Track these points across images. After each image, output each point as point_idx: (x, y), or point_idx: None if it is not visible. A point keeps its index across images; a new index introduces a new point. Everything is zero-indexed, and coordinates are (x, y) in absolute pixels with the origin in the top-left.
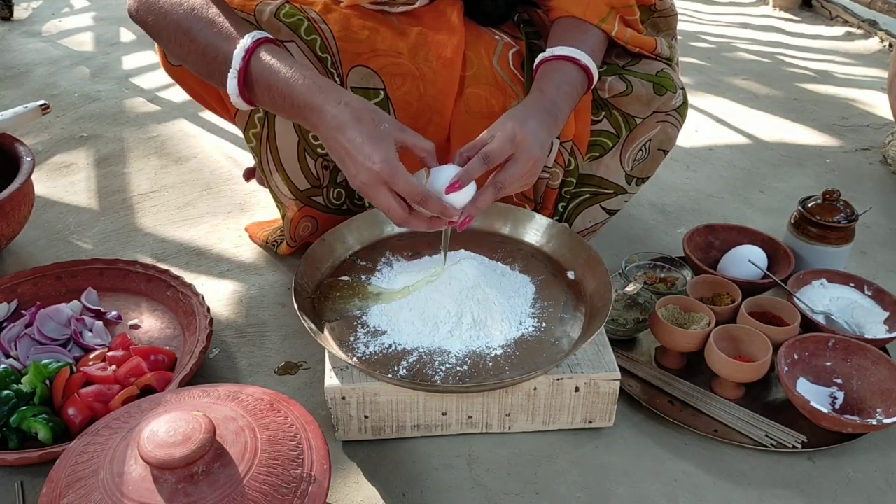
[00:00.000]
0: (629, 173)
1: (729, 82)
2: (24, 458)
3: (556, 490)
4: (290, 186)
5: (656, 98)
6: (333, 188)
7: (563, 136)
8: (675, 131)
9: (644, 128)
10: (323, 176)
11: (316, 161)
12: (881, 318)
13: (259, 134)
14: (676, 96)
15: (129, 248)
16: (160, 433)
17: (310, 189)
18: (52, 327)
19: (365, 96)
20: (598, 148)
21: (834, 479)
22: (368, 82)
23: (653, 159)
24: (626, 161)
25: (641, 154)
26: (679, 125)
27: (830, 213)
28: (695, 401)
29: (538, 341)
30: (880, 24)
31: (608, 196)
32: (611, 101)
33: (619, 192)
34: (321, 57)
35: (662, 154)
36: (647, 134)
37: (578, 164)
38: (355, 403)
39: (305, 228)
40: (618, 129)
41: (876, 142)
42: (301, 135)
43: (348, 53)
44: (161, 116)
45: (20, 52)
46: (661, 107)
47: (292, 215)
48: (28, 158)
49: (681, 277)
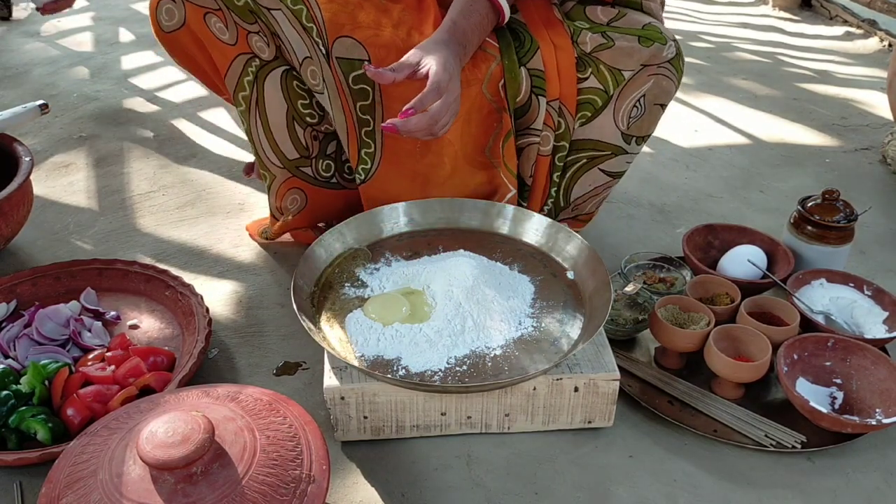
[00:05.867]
0: (626, 132)
1: (729, 82)
2: (23, 459)
3: (556, 490)
4: (279, 155)
5: (641, 49)
6: (322, 159)
7: (548, 95)
8: (671, 84)
9: (635, 83)
10: (312, 146)
11: (305, 130)
12: (881, 318)
13: (248, 97)
14: (667, 47)
15: (128, 249)
16: (159, 433)
17: (298, 159)
18: (50, 327)
19: (349, 67)
20: (588, 107)
21: (833, 479)
22: (353, 53)
23: (650, 115)
24: (621, 119)
25: (636, 110)
26: (675, 78)
27: (830, 213)
28: (694, 401)
29: (537, 341)
30: (880, 24)
31: (606, 157)
32: (595, 57)
33: (618, 152)
34: (307, 26)
35: (660, 109)
36: (639, 89)
37: (569, 127)
38: (354, 404)
39: (294, 202)
40: (606, 85)
41: (875, 141)
42: (290, 102)
43: (333, 24)
44: (160, 116)
45: (19, 52)
46: (651, 59)
47: (279, 184)
48: (27, 158)
49: (680, 277)
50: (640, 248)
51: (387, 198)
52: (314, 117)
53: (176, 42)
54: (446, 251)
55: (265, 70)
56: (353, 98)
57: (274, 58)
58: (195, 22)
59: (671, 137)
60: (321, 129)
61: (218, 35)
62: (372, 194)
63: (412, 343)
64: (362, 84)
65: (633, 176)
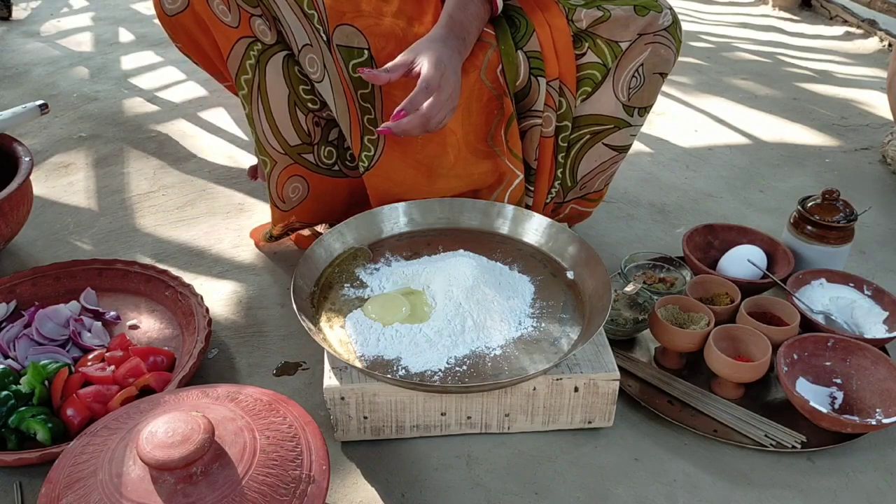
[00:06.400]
0: (627, 104)
1: (728, 82)
2: (23, 459)
3: (556, 490)
4: (281, 140)
5: (637, 18)
6: (324, 146)
7: (548, 75)
8: (670, 52)
9: (632, 52)
10: (314, 132)
11: (307, 116)
12: (880, 318)
13: (250, 81)
14: (663, 15)
15: (127, 249)
16: (159, 434)
17: (300, 146)
18: (50, 328)
19: (349, 55)
20: (587, 82)
21: (833, 479)
22: (353, 41)
23: (650, 84)
24: (620, 90)
25: (636, 80)
26: (673, 46)
27: (830, 213)
28: (694, 401)
29: (537, 341)
30: (880, 24)
31: (609, 131)
32: (591, 31)
33: (621, 125)
34: (308, 13)
35: (660, 78)
36: (636, 59)
37: (570, 106)
38: (354, 404)
39: (295, 190)
40: (604, 59)
41: (875, 141)
42: (292, 87)
43: (334, 11)
44: (160, 116)
45: (19, 52)
46: (647, 28)
47: (279, 171)
48: (27, 159)
49: (680, 277)
50: (640, 248)
51: (391, 186)
52: (315, 103)
53: (179, 25)
54: (446, 251)
55: (267, 54)
56: (355, 86)
57: (276, 42)
58: (199, 3)
59: (671, 137)
60: (323, 115)
61: (221, 17)
62: (376, 183)
63: (412, 343)
64: None
65: (633, 176)
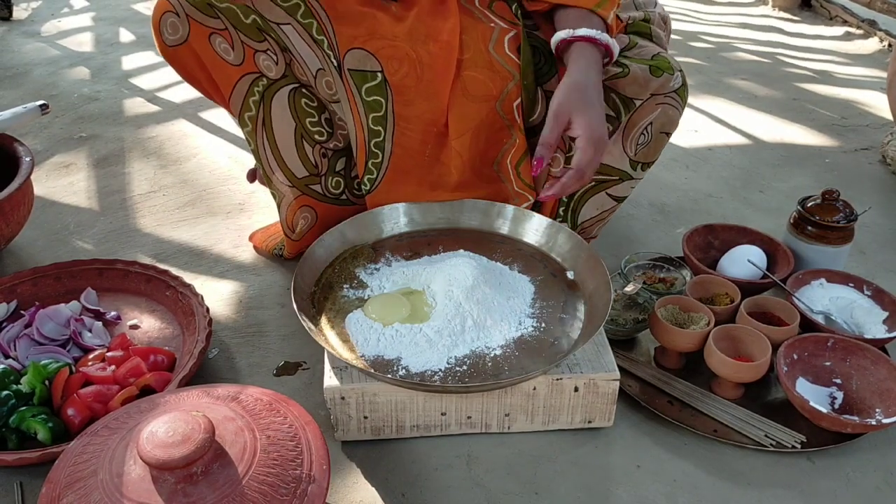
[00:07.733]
0: (633, 158)
1: (728, 82)
2: (24, 459)
3: (556, 490)
4: (287, 174)
5: (653, 79)
6: (332, 177)
7: None
8: (677, 113)
9: (644, 111)
10: (321, 164)
11: (314, 148)
12: (880, 318)
13: (255, 118)
14: (674, 78)
15: (128, 249)
16: (159, 433)
17: (308, 177)
18: (51, 327)
19: (362, 79)
20: None
21: (833, 479)
22: (365, 64)
23: (656, 142)
24: (629, 146)
25: (644, 137)
26: (680, 107)
27: (830, 213)
28: (694, 401)
29: (537, 341)
30: (879, 24)
31: (614, 182)
32: (608, 85)
33: (625, 178)
34: (317, 39)
35: (665, 137)
36: (647, 117)
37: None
38: (354, 404)
39: (304, 220)
40: (617, 112)
41: (875, 142)
42: (298, 120)
43: (344, 36)
44: (160, 117)
45: (19, 52)
46: (660, 89)
47: (288, 204)
48: (27, 159)
49: (680, 277)
50: (640, 248)
51: (393, 200)
52: (322, 135)
53: (178, 57)
54: (446, 251)
55: (272, 89)
56: (366, 110)
57: (282, 76)
58: (198, 41)
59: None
60: (330, 146)
61: (223, 56)
62: (378, 200)
63: (412, 343)
64: (375, 96)
65: None
